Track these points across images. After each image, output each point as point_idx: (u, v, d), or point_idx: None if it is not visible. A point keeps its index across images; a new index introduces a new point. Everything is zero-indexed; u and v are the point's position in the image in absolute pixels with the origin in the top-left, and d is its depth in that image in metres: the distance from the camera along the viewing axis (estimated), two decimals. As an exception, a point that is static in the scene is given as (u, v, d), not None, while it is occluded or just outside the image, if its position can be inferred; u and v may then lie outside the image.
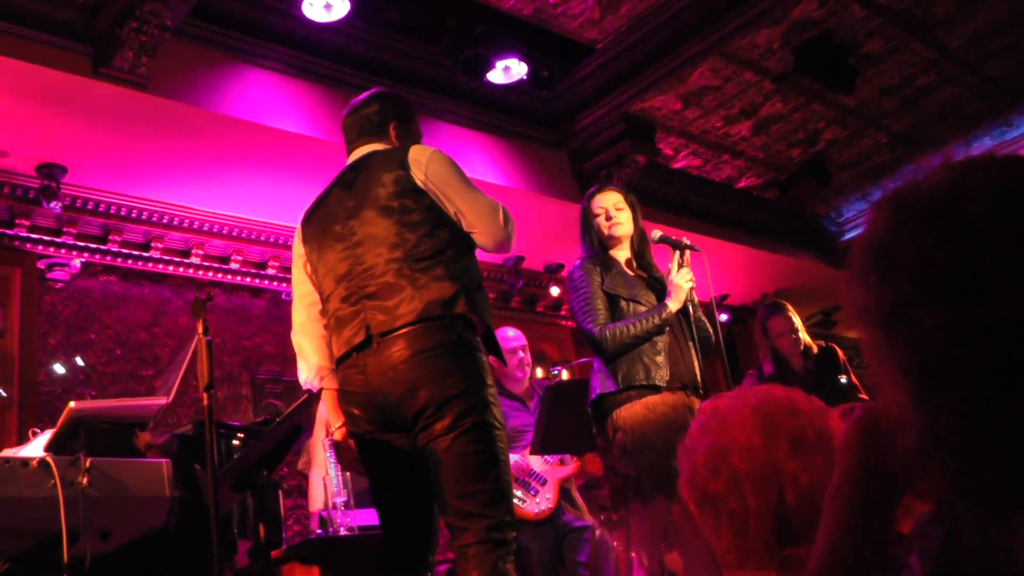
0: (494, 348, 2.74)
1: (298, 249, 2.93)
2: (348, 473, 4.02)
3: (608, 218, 3.76)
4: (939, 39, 6.84)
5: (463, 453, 2.51)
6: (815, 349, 4.86)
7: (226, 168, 5.88)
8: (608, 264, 3.72)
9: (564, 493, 4.87)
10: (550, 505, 4.75)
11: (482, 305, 2.71)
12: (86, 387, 5.84)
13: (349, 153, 3.00)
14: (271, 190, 6.21)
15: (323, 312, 2.81)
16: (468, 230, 2.72)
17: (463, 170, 2.82)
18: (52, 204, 5.58)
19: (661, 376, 3.50)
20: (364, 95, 3.08)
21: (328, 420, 2.78)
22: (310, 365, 2.82)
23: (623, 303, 3.62)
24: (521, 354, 4.98)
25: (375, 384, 2.60)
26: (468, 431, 2.52)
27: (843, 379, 4.78)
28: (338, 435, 2.81)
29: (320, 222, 2.86)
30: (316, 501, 4.54)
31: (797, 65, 6.54)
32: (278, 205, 6.43)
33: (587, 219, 3.82)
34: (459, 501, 2.50)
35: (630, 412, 3.48)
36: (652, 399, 3.48)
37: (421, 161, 2.77)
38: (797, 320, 4.87)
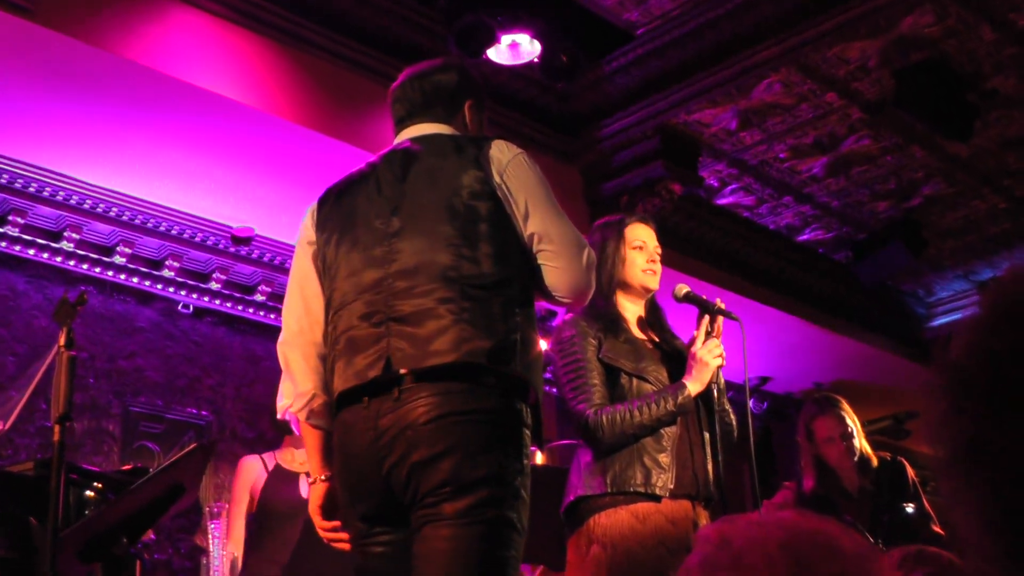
0: (538, 429, 2.72)
1: (307, 234, 2.91)
2: (238, 554, 4.01)
3: (651, 260, 3.75)
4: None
5: (467, 551, 2.48)
6: (875, 462, 4.81)
7: (125, 131, 5.88)
8: (614, 323, 3.69)
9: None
10: None
11: (537, 371, 2.72)
12: None
13: (399, 129, 2.99)
14: (183, 167, 6.22)
15: (330, 326, 2.77)
16: (542, 261, 2.72)
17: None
18: None
19: (664, 482, 3.47)
20: (436, 60, 3.07)
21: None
22: (298, 390, 2.81)
23: (624, 378, 3.60)
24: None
25: (384, 442, 2.55)
26: (484, 524, 2.49)
27: (910, 507, 4.70)
28: (318, 491, 2.81)
29: (350, 208, 2.84)
30: None
31: (898, 94, 6.55)
32: (190, 189, 6.45)
33: (606, 250, 3.73)
34: None
35: (612, 521, 3.45)
36: (645, 507, 3.45)
37: (500, 160, 2.77)
38: (853, 423, 4.82)
